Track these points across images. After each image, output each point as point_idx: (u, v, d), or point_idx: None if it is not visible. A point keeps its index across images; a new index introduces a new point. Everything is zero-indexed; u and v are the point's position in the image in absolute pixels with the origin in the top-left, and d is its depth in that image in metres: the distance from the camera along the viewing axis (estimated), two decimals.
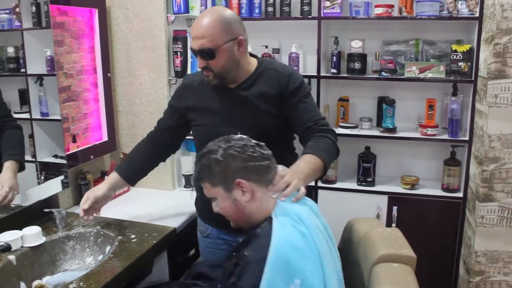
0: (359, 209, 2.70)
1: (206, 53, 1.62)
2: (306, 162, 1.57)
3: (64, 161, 2.36)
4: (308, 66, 2.91)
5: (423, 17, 2.54)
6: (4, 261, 1.80)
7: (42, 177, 2.38)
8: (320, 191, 2.78)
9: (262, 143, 1.43)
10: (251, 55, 1.81)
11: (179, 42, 2.42)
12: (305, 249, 1.28)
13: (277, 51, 2.92)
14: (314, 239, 1.32)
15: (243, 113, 1.74)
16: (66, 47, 2.26)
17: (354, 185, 2.78)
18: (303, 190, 1.44)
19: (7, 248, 1.73)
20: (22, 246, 1.91)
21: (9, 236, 1.88)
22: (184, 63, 2.44)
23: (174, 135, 1.96)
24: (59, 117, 2.35)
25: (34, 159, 2.32)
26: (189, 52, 2.45)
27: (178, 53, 2.43)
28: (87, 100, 2.39)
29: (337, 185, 2.80)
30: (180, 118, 1.88)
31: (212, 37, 1.60)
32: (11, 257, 1.79)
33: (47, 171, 2.39)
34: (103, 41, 2.42)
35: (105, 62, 2.43)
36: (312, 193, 2.76)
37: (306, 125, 1.73)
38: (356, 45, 2.71)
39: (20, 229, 1.89)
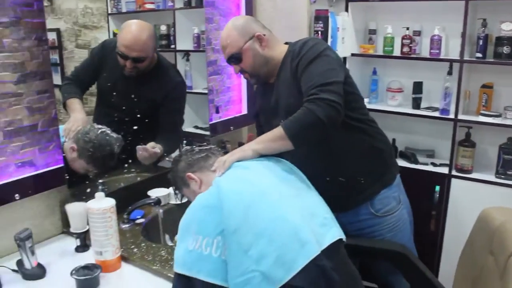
0: (494, 202, 2.52)
1: (234, 58, 1.79)
2: (266, 135, 1.62)
3: (203, 132, 2.58)
4: (450, 50, 2.79)
5: None
6: (153, 213, 2.05)
7: (184, 146, 2.62)
8: (453, 180, 2.68)
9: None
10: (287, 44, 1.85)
11: (320, 22, 2.48)
12: (214, 202, 1.39)
13: (418, 33, 2.84)
14: (250, 178, 1.47)
15: (282, 103, 1.78)
16: (215, 24, 2.43)
17: (491, 177, 2.62)
18: (222, 160, 1.56)
19: (157, 202, 1.95)
20: (168, 203, 2.15)
21: (159, 192, 2.13)
22: (324, 41, 2.49)
23: None
24: (202, 91, 2.56)
25: None
26: (330, 32, 2.49)
27: (319, 32, 2.49)
28: (230, 75, 2.56)
29: (473, 175, 2.66)
30: None
31: (232, 43, 1.76)
32: (159, 210, 2.03)
33: (188, 140, 2.61)
34: None
35: None
36: (445, 180, 2.68)
37: (304, 96, 1.62)
38: (507, 28, 2.53)
39: (167, 187, 2.13)
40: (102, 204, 1.58)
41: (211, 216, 1.36)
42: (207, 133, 2.55)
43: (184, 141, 2.56)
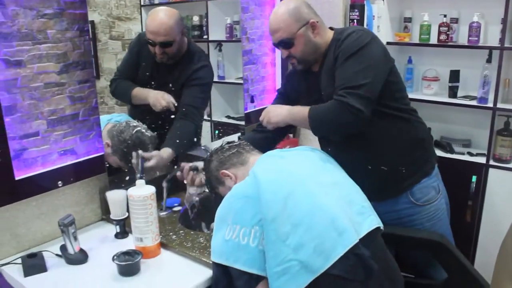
0: None
1: (285, 43, 1.76)
2: (298, 110, 1.80)
3: (235, 122, 2.60)
4: (489, 37, 2.72)
5: None
6: (190, 201, 2.05)
7: (216, 135, 2.65)
8: (491, 170, 2.61)
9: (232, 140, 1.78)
10: (331, 29, 1.83)
11: (356, 10, 2.45)
12: (251, 191, 1.42)
13: (455, 20, 2.78)
14: (287, 168, 1.51)
15: (325, 93, 1.76)
16: (250, 13, 2.43)
17: None
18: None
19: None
20: (204, 191, 2.13)
21: None
22: None
23: None
24: (234, 81, 2.59)
25: (209, 118, 2.58)
26: (367, 20, 2.46)
27: (355, 20, 2.46)
28: (265, 64, 2.56)
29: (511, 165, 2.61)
30: None
31: (285, 28, 1.72)
32: (196, 199, 2.03)
33: (219, 129, 2.63)
34: None
35: None
36: (482, 170, 2.62)
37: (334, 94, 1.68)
38: None
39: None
40: (143, 191, 1.61)
41: (248, 205, 1.38)
42: (240, 122, 2.55)
43: (217, 132, 2.57)
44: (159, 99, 2.10)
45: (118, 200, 1.74)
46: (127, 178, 1.91)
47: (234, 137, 2.48)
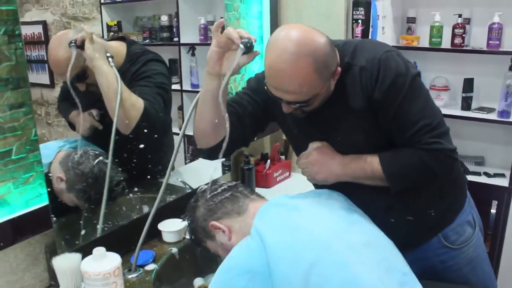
0: None
1: (301, 104, 1.25)
2: (355, 164, 1.34)
3: None
4: (506, 41, 2.37)
5: None
6: (167, 254, 1.64)
7: (189, 153, 2.28)
8: None
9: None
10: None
11: (360, 8, 2.07)
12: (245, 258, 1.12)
13: (467, 21, 2.42)
14: (305, 225, 1.15)
15: (333, 135, 1.38)
16: (234, 12, 2.02)
17: None
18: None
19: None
20: (184, 238, 1.74)
21: (172, 225, 1.72)
22: (365, 32, 2.09)
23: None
24: None
25: (182, 133, 2.20)
26: (371, 20, 2.08)
27: (360, 21, 2.08)
28: (250, 72, 2.17)
29: None
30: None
31: (308, 90, 1.20)
32: (174, 250, 1.65)
33: (194, 145, 2.27)
34: (272, 7, 2.15)
35: (273, 30, 2.17)
36: (504, 195, 2.29)
37: (403, 139, 1.30)
38: None
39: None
40: (103, 264, 1.15)
41: (255, 285, 1.07)
42: None
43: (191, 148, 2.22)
44: (82, 122, 1.66)
45: (69, 270, 1.27)
46: (83, 232, 1.44)
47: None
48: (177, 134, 2.19)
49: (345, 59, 1.27)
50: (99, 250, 1.16)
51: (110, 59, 1.53)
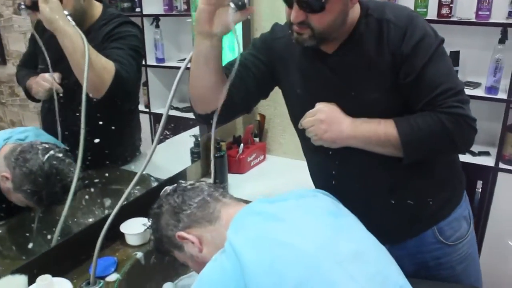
0: None
1: (311, 3, 1.16)
2: (367, 129, 1.28)
3: (182, 114, 2.12)
4: (495, 11, 2.20)
5: None
6: (131, 260, 1.48)
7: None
8: (500, 174, 2.23)
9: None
10: None
11: None
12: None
13: None
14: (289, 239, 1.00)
15: (345, 91, 1.30)
16: None
17: None
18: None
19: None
20: (150, 239, 1.56)
21: (134, 227, 1.56)
22: None
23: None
24: (176, 64, 2.22)
25: (148, 110, 2.16)
26: None
27: None
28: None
29: None
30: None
31: None
32: (139, 254, 1.50)
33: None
34: None
35: None
36: (489, 174, 2.22)
37: (423, 102, 1.25)
38: None
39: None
40: None
41: None
42: (188, 115, 1.94)
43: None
44: (39, 82, 1.54)
45: None
46: (30, 245, 1.26)
47: (185, 135, 1.96)
48: (143, 112, 2.10)
49: (369, 12, 1.26)
50: (44, 280, 0.99)
51: (69, 17, 1.39)
